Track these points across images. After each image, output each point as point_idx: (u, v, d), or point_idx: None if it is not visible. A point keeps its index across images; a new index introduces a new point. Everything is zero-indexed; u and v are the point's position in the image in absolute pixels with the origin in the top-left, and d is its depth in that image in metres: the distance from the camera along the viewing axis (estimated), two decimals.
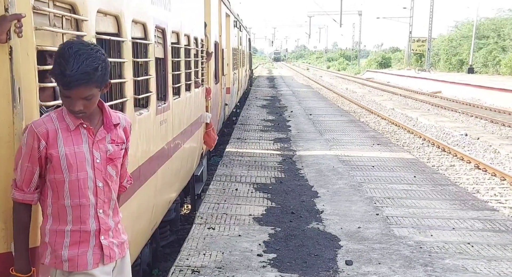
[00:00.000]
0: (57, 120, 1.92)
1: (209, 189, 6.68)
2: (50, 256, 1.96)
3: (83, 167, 1.95)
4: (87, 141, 1.96)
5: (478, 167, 9.58)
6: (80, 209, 1.96)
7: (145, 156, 3.66)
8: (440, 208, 5.89)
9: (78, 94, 1.85)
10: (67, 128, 1.92)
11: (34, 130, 1.88)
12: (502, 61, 33.37)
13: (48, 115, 1.94)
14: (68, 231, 1.96)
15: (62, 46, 1.86)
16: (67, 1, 2.28)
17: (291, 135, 11.28)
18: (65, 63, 1.82)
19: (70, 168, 1.92)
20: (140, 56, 3.62)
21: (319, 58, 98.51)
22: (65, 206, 1.95)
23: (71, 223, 1.96)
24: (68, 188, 1.94)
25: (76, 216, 1.96)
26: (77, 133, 1.94)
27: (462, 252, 4.52)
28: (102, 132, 2.00)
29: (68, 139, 1.93)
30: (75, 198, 1.95)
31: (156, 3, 3.98)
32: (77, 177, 1.94)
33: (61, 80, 1.83)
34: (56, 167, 1.92)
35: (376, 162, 8.41)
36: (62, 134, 1.92)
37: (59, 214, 1.95)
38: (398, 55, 57.36)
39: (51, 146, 1.90)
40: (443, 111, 18.68)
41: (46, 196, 1.96)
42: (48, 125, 1.90)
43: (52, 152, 1.91)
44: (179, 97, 5.02)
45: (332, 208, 5.90)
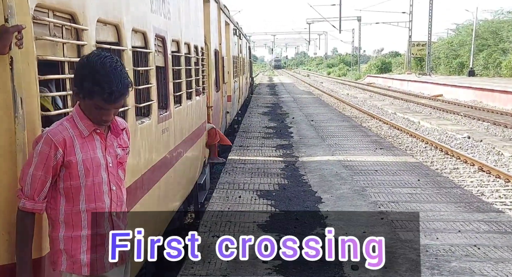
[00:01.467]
0: (71, 128, 1.95)
1: (213, 197, 6.67)
2: (66, 262, 1.97)
3: (98, 172, 2.00)
4: (100, 147, 2.02)
5: (482, 169, 9.53)
6: (96, 213, 2.00)
7: (148, 165, 3.66)
8: (445, 211, 5.86)
9: (118, 106, 1.97)
10: (80, 135, 1.96)
11: (52, 139, 1.89)
12: (503, 63, 33.39)
13: (61, 124, 1.96)
14: (85, 236, 1.98)
15: (90, 61, 1.90)
16: (67, 11, 2.29)
17: (293, 142, 11.27)
18: (106, 79, 1.89)
19: (87, 173, 1.96)
20: (140, 64, 3.63)
21: (319, 65, 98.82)
22: (80, 211, 1.97)
23: (86, 228, 1.98)
24: (85, 193, 1.97)
25: (91, 220, 1.99)
26: (91, 139, 1.99)
27: (469, 255, 4.49)
28: (111, 137, 2.07)
29: (84, 145, 1.96)
30: (91, 202, 1.98)
31: (156, 12, 4.00)
32: (93, 182, 1.98)
33: (104, 96, 1.89)
34: (74, 173, 1.94)
35: (379, 166, 8.38)
36: (78, 141, 1.95)
37: (73, 220, 1.97)
38: (398, 59, 57.48)
39: (69, 153, 1.93)
40: (445, 114, 18.65)
41: (58, 204, 1.97)
42: (64, 134, 1.93)
43: (70, 159, 1.93)
44: (180, 105, 5.03)
45: (337, 213, 5.87)
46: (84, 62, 1.92)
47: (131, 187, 3.24)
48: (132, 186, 3.25)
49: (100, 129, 2.00)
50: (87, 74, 1.89)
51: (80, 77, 1.91)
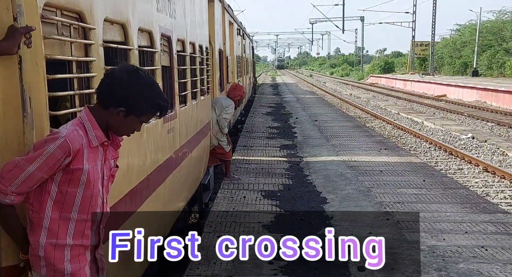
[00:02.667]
0: (83, 134, 1.90)
1: (217, 197, 6.65)
2: (46, 268, 1.91)
3: (97, 185, 1.96)
4: (101, 159, 1.98)
5: (487, 170, 9.48)
6: (85, 224, 1.94)
7: (154, 165, 3.64)
8: (452, 211, 5.83)
9: None
10: (89, 144, 1.92)
11: (70, 146, 1.83)
12: (506, 64, 33.27)
13: (77, 131, 1.89)
14: (69, 245, 1.92)
15: (134, 77, 1.90)
16: (74, 10, 2.27)
17: (297, 142, 11.24)
18: (155, 93, 1.95)
19: (89, 184, 1.91)
20: (146, 64, 3.62)
21: (322, 65, 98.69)
22: (70, 219, 1.91)
23: (71, 237, 1.92)
24: (80, 203, 1.92)
25: (79, 231, 1.93)
26: (95, 150, 1.94)
27: (476, 256, 4.46)
28: (111, 150, 2.04)
29: (90, 155, 1.92)
30: (84, 213, 1.93)
31: (162, 11, 3.98)
32: (91, 194, 1.93)
33: (155, 111, 1.95)
34: (75, 181, 1.89)
35: (384, 166, 8.35)
36: (87, 150, 1.91)
37: (59, 227, 1.90)
38: (401, 59, 57.34)
39: (77, 161, 1.87)
40: (448, 115, 18.59)
41: (43, 208, 1.88)
42: (80, 141, 1.88)
43: (77, 167, 1.87)
44: (185, 105, 5.01)
45: (342, 213, 5.84)
46: (126, 78, 1.88)
47: (137, 187, 3.22)
48: (138, 186, 3.23)
49: (108, 142, 1.97)
50: (143, 96, 1.90)
51: (134, 97, 1.88)
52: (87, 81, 2.41)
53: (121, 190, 2.92)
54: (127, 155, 3.04)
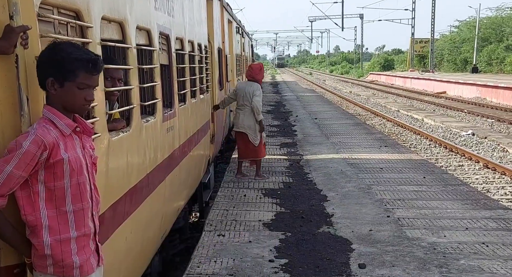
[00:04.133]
0: (52, 128, 1.89)
1: (217, 196, 6.64)
2: (53, 266, 1.92)
3: (82, 171, 1.97)
4: (79, 146, 2.00)
5: (487, 166, 9.47)
6: (83, 213, 1.98)
7: (153, 164, 3.63)
8: (452, 208, 5.81)
9: (97, 80, 1.98)
10: (61, 134, 1.92)
11: (42, 139, 1.83)
12: (506, 60, 33.22)
13: (45, 126, 1.87)
14: (74, 238, 1.95)
15: (59, 46, 1.90)
16: (71, 8, 2.26)
17: (298, 140, 11.23)
18: (83, 51, 1.94)
19: (73, 173, 1.93)
20: (145, 63, 3.60)
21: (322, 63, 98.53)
22: (67, 213, 1.93)
23: (74, 229, 1.94)
24: (71, 194, 1.93)
25: (79, 220, 1.96)
26: (71, 139, 1.96)
27: (477, 252, 4.45)
28: (86, 138, 2.05)
29: (67, 144, 1.93)
30: (78, 202, 1.95)
31: (160, 10, 3.97)
32: (77, 182, 1.95)
33: (89, 67, 1.90)
34: (59, 174, 1.89)
35: (385, 164, 8.34)
36: (62, 142, 1.91)
37: (59, 223, 1.91)
38: (401, 57, 57.27)
39: (55, 154, 1.87)
40: (448, 111, 18.57)
41: (36, 209, 1.87)
42: (52, 134, 1.88)
43: (57, 159, 1.88)
44: (185, 103, 5.00)
45: (342, 211, 5.84)
46: (51, 50, 1.87)
47: (137, 186, 3.21)
48: (137, 185, 3.22)
49: (80, 127, 1.97)
50: (63, 56, 1.86)
51: (55, 63, 1.85)
52: None
53: (121, 189, 2.91)
54: (126, 154, 3.03)
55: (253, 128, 7.21)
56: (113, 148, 2.75)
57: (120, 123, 2.97)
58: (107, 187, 2.63)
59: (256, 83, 7.26)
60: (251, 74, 7.33)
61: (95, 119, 2.48)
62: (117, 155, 2.85)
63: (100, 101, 2.57)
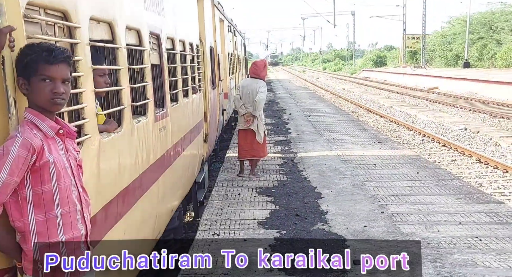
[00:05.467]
0: (35, 131, 1.87)
1: (212, 195, 6.63)
2: (44, 269, 1.91)
3: (67, 174, 1.95)
4: (62, 148, 1.97)
5: (480, 160, 9.54)
6: (70, 216, 1.96)
7: (146, 164, 3.62)
8: (445, 203, 5.85)
9: (61, 71, 1.90)
10: (45, 137, 1.90)
11: (30, 142, 1.81)
12: (497, 54, 33.44)
13: (29, 129, 1.85)
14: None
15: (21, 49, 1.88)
16: (58, 9, 2.24)
17: (291, 138, 11.24)
18: (40, 44, 1.89)
19: (59, 175, 1.91)
20: (135, 63, 3.59)
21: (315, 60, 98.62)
22: (56, 216, 1.91)
23: (62, 232, 1.93)
24: (59, 197, 1.91)
25: (67, 224, 1.94)
26: (54, 142, 1.94)
27: (471, 246, 4.48)
28: (69, 141, 2.03)
29: (51, 147, 1.91)
30: (65, 205, 1.94)
31: (150, 9, 3.95)
32: (64, 184, 1.93)
33: (44, 56, 1.85)
34: (46, 177, 1.87)
35: (378, 160, 8.37)
36: (46, 144, 1.89)
37: (48, 228, 1.89)
38: (393, 53, 57.49)
39: (40, 157, 1.85)
40: (441, 107, 18.67)
41: (25, 215, 1.86)
42: (38, 137, 1.86)
43: (43, 161, 1.86)
44: (177, 103, 4.98)
45: (337, 208, 5.85)
46: (19, 52, 1.87)
47: (129, 187, 3.20)
48: (130, 186, 3.21)
49: (63, 129, 1.95)
50: (23, 55, 1.85)
51: (19, 62, 1.85)
52: (73, 81, 2.38)
53: (113, 190, 2.90)
54: (118, 155, 3.02)
55: (257, 125, 7.20)
56: (104, 149, 2.74)
57: (112, 125, 2.94)
58: (98, 189, 2.62)
59: (261, 80, 7.24)
60: (256, 71, 7.27)
61: (85, 120, 2.47)
62: (109, 156, 2.84)
63: (90, 102, 2.56)
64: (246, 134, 7.28)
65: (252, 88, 7.14)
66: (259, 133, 7.22)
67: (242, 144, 7.40)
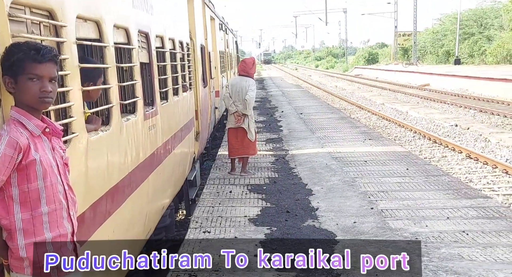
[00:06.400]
0: (22, 129, 1.88)
1: (203, 193, 6.66)
2: (30, 267, 1.92)
3: (53, 172, 1.96)
4: (49, 147, 1.98)
5: (470, 156, 9.63)
6: (56, 214, 1.96)
7: (135, 162, 3.63)
8: (434, 198, 5.92)
9: (49, 70, 1.91)
10: (32, 135, 1.91)
11: (17, 141, 1.82)
12: (487, 51, 33.70)
13: (15, 127, 1.86)
14: (50, 239, 1.94)
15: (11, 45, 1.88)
16: (44, 7, 2.25)
17: (283, 135, 11.28)
18: (26, 42, 1.90)
19: (45, 174, 1.91)
20: (124, 61, 3.59)
21: (307, 58, 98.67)
22: (42, 214, 1.92)
23: (48, 230, 1.94)
24: (46, 195, 1.92)
25: (53, 221, 1.95)
26: (40, 140, 1.94)
27: (458, 241, 4.54)
28: (54, 139, 2.03)
29: (38, 145, 1.92)
30: (51, 203, 1.94)
31: (138, 7, 3.96)
32: (50, 182, 1.94)
33: (32, 55, 1.86)
34: (32, 175, 1.88)
35: (369, 157, 8.43)
36: (32, 143, 1.90)
37: (34, 225, 1.90)
38: (385, 50, 57.69)
39: (27, 155, 1.86)
40: (432, 103, 18.80)
41: (11, 212, 1.87)
42: (24, 136, 1.87)
43: (29, 160, 1.87)
44: (167, 101, 4.99)
45: (327, 204, 5.90)
46: (4, 51, 1.88)
47: (118, 186, 3.22)
48: (119, 184, 3.23)
49: (50, 128, 1.96)
50: (10, 53, 1.85)
51: (4, 60, 1.85)
52: (60, 80, 2.39)
53: (101, 189, 2.91)
54: (106, 153, 3.03)
55: (248, 123, 7.22)
56: (92, 148, 2.75)
57: (97, 122, 2.94)
58: (87, 187, 2.63)
59: (250, 78, 7.24)
60: (245, 69, 7.27)
61: (72, 118, 2.48)
62: (97, 155, 2.85)
63: (77, 100, 2.57)
64: (236, 133, 7.30)
65: (241, 86, 7.15)
66: (250, 131, 7.25)
67: (232, 143, 7.41)
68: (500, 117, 14.33)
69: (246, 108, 7.16)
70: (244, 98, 7.12)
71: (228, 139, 7.56)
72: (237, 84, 7.24)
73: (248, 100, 7.10)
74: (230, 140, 7.48)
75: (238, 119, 7.22)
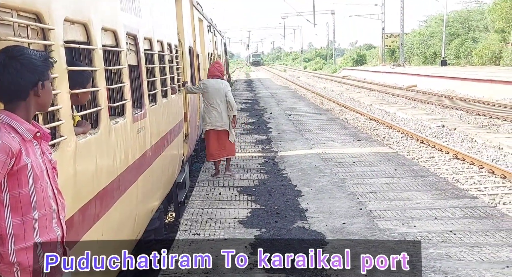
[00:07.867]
0: (13, 134, 1.87)
1: (193, 195, 6.64)
2: (20, 272, 1.90)
3: (43, 176, 1.94)
4: (39, 151, 1.97)
5: (457, 157, 9.75)
6: (46, 219, 1.95)
7: (124, 165, 3.62)
8: (422, 199, 5.98)
9: None
10: (23, 140, 1.89)
11: (9, 147, 1.80)
12: (473, 52, 34.16)
13: (6, 132, 1.84)
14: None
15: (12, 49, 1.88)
16: (31, 10, 2.24)
17: (272, 137, 11.30)
18: (35, 50, 1.97)
19: (36, 179, 1.90)
20: (112, 64, 3.58)
21: (296, 59, 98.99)
22: (33, 220, 1.90)
23: (38, 235, 1.92)
24: (36, 200, 1.90)
25: (43, 227, 1.93)
26: (31, 144, 1.93)
27: (445, 241, 4.60)
28: (43, 143, 2.02)
29: (29, 150, 1.90)
30: (42, 208, 1.93)
31: (126, 10, 3.94)
32: (41, 187, 1.92)
33: (47, 61, 1.92)
34: (23, 180, 1.86)
35: (357, 158, 8.49)
36: (23, 147, 1.88)
37: (25, 230, 1.88)
38: (373, 51, 58.14)
39: (18, 160, 1.85)
40: (419, 104, 18.99)
41: (1, 217, 1.85)
42: (16, 141, 1.85)
43: (20, 165, 1.85)
44: (155, 104, 4.98)
45: (316, 206, 5.93)
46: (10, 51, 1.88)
47: (107, 189, 3.20)
48: (108, 187, 3.21)
49: (40, 132, 1.95)
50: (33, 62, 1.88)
51: (32, 66, 1.88)
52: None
53: (90, 192, 2.89)
54: (95, 156, 3.01)
55: (229, 124, 7.29)
56: (80, 151, 2.73)
57: (87, 127, 2.93)
58: (75, 190, 2.62)
59: (222, 79, 7.35)
60: (221, 70, 7.38)
61: (61, 121, 2.46)
62: (85, 158, 2.84)
63: (65, 104, 2.55)
64: (218, 135, 7.29)
65: (218, 88, 7.18)
66: (231, 133, 7.32)
67: (214, 145, 7.34)
68: (486, 117, 14.54)
69: (233, 110, 7.23)
70: (220, 99, 7.15)
71: (208, 141, 7.43)
72: (212, 86, 7.24)
73: (231, 102, 7.17)
74: (210, 142, 7.37)
75: (234, 123, 7.33)
